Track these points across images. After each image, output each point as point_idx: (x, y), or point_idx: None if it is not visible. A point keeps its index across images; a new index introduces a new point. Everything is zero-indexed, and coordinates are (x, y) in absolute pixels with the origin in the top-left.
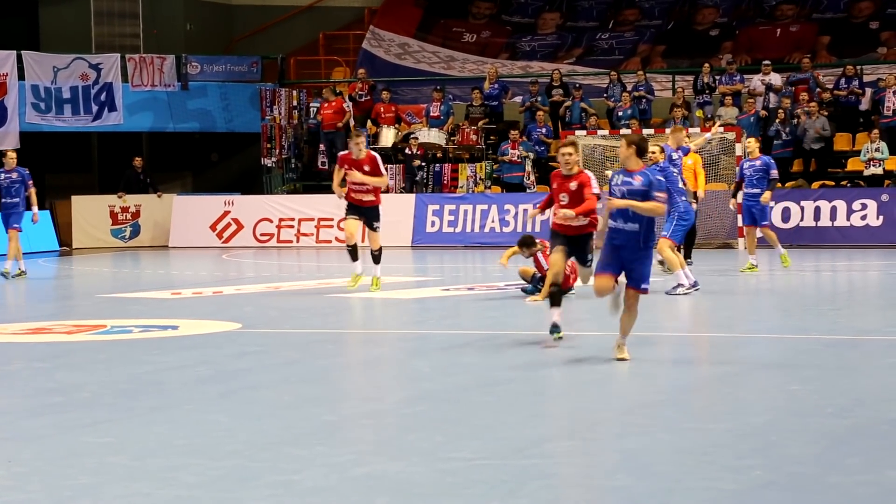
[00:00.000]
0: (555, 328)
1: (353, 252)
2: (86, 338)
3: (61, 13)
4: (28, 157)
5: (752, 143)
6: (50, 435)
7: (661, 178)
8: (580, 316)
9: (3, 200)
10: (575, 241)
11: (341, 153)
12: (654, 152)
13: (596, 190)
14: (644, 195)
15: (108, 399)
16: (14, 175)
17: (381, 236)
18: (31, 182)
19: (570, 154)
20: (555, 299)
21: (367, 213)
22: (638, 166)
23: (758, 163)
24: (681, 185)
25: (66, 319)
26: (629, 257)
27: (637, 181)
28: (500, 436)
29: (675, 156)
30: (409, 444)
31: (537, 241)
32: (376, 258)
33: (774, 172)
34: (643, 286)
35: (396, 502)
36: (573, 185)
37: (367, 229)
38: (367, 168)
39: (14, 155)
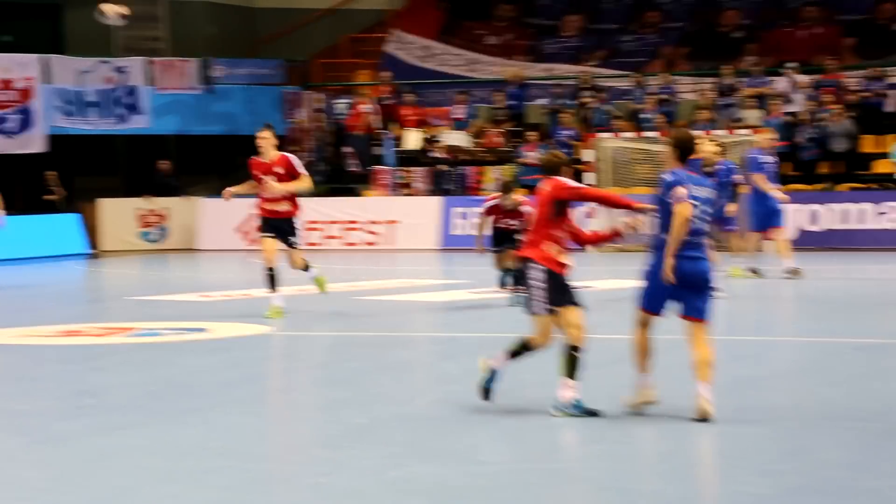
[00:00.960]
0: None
1: (272, 278)
2: (116, 340)
3: (86, 17)
4: (56, 160)
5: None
6: (83, 437)
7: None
8: (605, 319)
9: None
10: None
11: (253, 158)
12: (716, 153)
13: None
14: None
15: (139, 401)
16: None
17: (302, 252)
18: None
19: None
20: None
21: (283, 227)
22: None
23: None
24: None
25: (96, 322)
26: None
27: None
28: (532, 438)
29: (771, 159)
30: (440, 446)
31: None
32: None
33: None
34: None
35: None
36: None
37: (286, 247)
38: (280, 170)
39: None
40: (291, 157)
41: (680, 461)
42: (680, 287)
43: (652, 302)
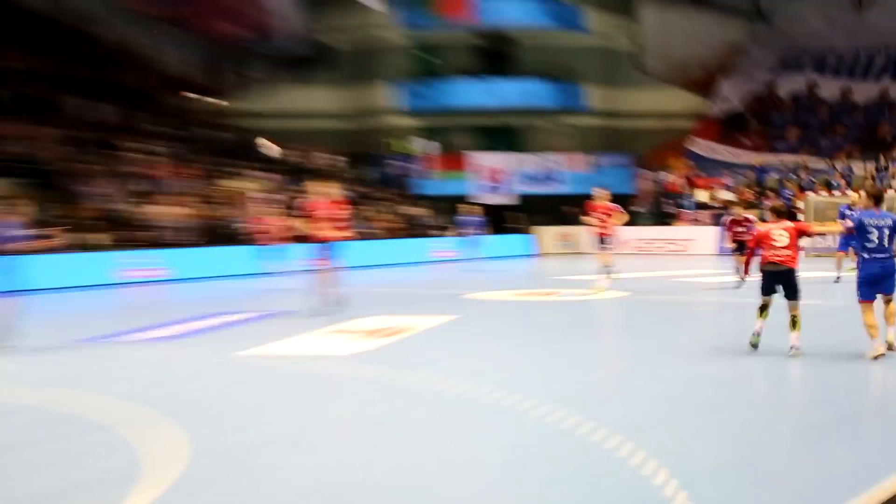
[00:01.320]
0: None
1: (607, 271)
2: (547, 299)
3: (543, 134)
4: (521, 208)
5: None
6: (526, 348)
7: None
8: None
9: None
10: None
11: (587, 201)
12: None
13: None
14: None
15: (555, 330)
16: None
17: (609, 255)
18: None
19: None
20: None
21: (601, 240)
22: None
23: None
24: None
25: (534, 289)
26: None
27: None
28: (774, 355)
29: None
30: (717, 358)
31: None
32: (603, 269)
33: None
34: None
35: (690, 411)
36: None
37: (602, 250)
38: (603, 210)
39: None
40: (614, 206)
41: (867, 376)
42: (876, 280)
43: (865, 293)
